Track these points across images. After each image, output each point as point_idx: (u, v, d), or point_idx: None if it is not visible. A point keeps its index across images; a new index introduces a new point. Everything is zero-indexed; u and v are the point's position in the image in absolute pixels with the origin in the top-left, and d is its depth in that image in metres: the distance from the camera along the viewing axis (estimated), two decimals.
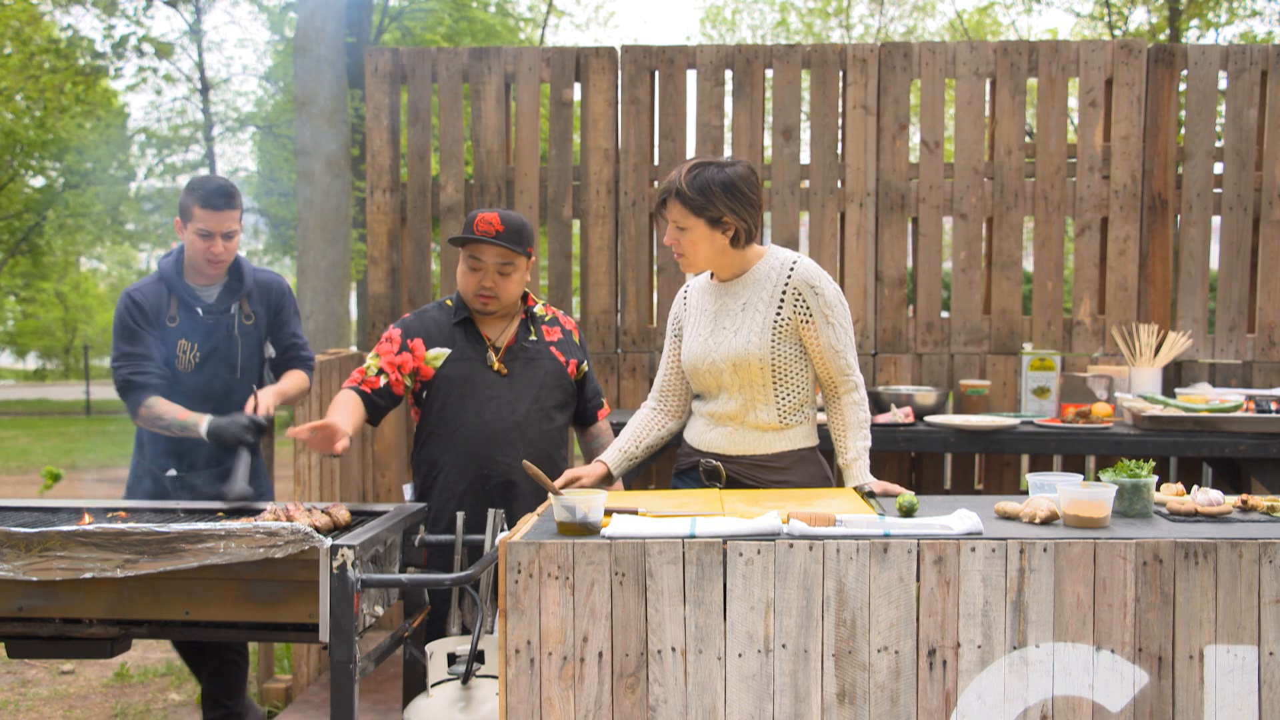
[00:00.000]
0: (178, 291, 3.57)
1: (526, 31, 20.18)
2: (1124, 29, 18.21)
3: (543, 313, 3.53)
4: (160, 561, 2.63)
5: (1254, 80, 5.01)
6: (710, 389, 3.07)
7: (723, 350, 3.00)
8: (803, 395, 3.04)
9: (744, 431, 3.03)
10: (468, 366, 3.36)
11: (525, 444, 3.35)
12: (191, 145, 20.38)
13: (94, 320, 30.50)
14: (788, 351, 2.99)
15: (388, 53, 5.29)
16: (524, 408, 3.36)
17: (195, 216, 3.47)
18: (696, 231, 2.95)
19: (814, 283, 2.97)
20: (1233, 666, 2.33)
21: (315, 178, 9.67)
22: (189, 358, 3.57)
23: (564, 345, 3.50)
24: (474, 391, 3.34)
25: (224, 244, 3.51)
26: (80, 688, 4.73)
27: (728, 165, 2.96)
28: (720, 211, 2.93)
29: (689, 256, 3.00)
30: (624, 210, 5.17)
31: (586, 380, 3.57)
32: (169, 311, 3.56)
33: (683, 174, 2.95)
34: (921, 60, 5.06)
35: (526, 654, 2.34)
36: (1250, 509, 2.63)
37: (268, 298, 3.71)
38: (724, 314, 3.04)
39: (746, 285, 3.03)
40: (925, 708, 2.33)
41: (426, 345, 3.38)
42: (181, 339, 3.56)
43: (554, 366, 3.44)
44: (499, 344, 3.41)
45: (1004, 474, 5.14)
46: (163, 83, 18.81)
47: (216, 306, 3.61)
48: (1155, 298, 5.06)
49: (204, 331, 3.57)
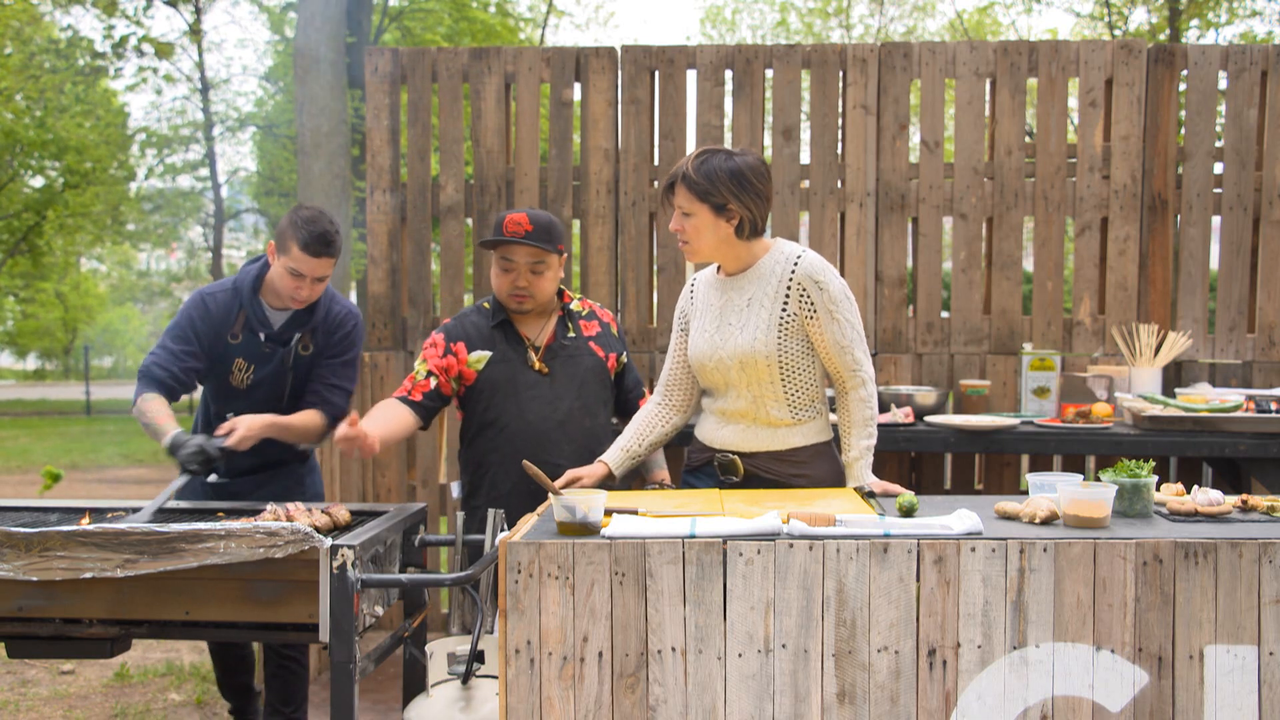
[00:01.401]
0: (248, 307, 3.49)
1: (526, 31, 20.18)
2: (1124, 29, 18.21)
3: (579, 308, 3.55)
4: (160, 561, 2.63)
5: (1254, 80, 5.01)
6: (718, 385, 3.07)
7: (729, 347, 2.99)
8: (813, 391, 3.04)
9: (756, 428, 3.03)
10: (509, 368, 3.39)
11: (568, 441, 3.37)
12: (191, 145, 20.40)
13: (94, 320, 30.52)
14: (795, 348, 2.98)
15: (388, 53, 5.29)
16: (566, 406, 3.39)
17: (292, 254, 3.35)
18: (701, 218, 2.95)
19: (818, 278, 2.95)
20: (1233, 666, 2.33)
21: (315, 178, 9.67)
22: (243, 377, 3.53)
23: (602, 339, 3.52)
24: (516, 392, 3.37)
25: (312, 287, 3.42)
26: (80, 688, 4.73)
27: (737, 154, 2.96)
28: (725, 199, 2.92)
29: (693, 244, 3.00)
30: (624, 210, 5.17)
31: (626, 371, 3.59)
32: (234, 327, 3.48)
33: (691, 159, 2.96)
34: (921, 60, 5.06)
35: (526, 654, 2.34)
36: (1250, 509, 2.63)
37: (327, 328, 3.58)
38: (730, 310, 3.03)
39: (752, 280, 3.02)
40: (925, 708, 2.33)
41: (468, 349, 3.40)
42: (239, 358, 3.50)
43: (594, 362, 3.47)
44: (538, 343, 3.44)
45: (1004, 474, 5.14)
46: (163, 83, 18.83)
47: (279, 335, 3.52)
48: (1155, 298, 5.06)
49: (261, 357, 3.51)
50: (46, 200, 19.16)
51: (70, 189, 18.79)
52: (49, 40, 17.38)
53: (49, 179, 19.61)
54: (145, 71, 17.88)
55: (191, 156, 20.94)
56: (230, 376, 3.51)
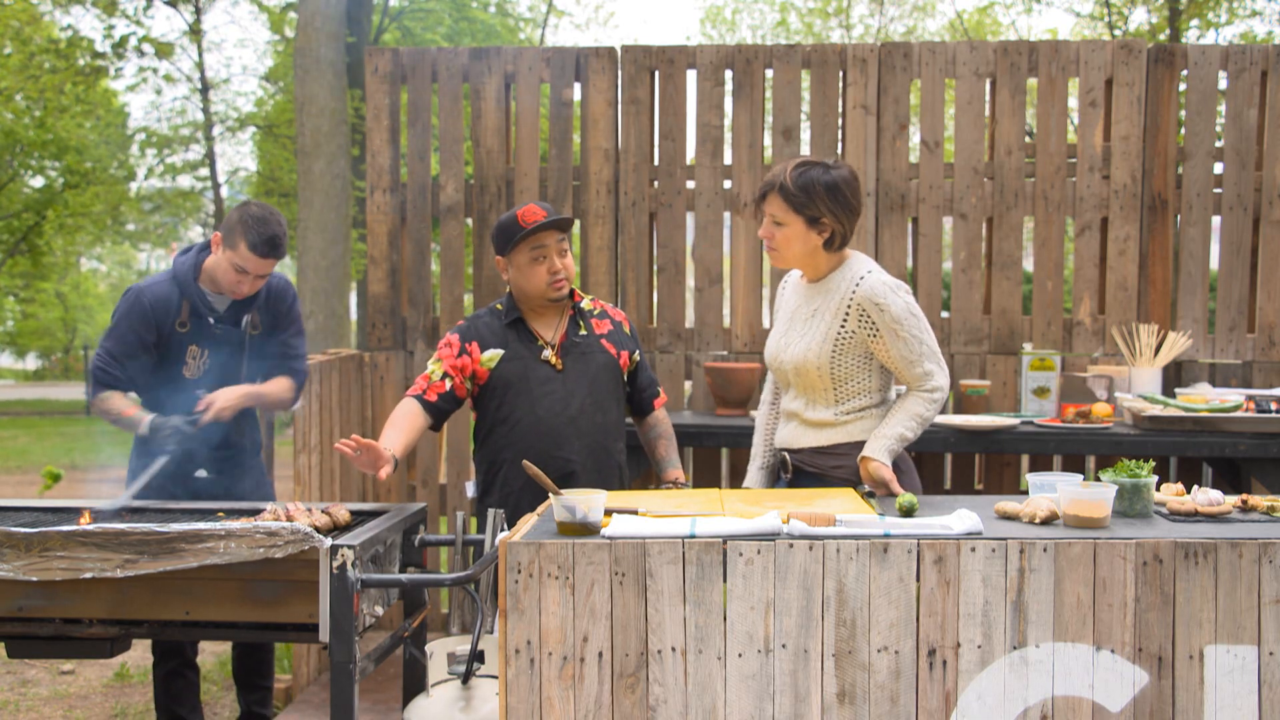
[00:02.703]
0: (190, 295, 3.53)
1: (526, 31, 20.18)
2: (1124, 29, 18.21)
3: (590, 307, 3.57)
4: (160, 561, 2.63)
5: (1254, 80, 5.01)
6: (783, 383, 3.23)
7: (789, 353, 3.09)
8: (864, 399, 3.08)
9: (804, 428, 3.12)
10: (522, 365, 3.41)
11: (580, 437, 3.39)
12: (191, 145, 20.40)
13: (94, 320, 30.49)
14: (850, 363, 3.04)
15: (388, 53, 5.29)
16: (578, 402, 3.41)
17: (239, 252, 3.43)
18: (793, 228, 3.01)
19: (878, 300, 2.98)
20: (1233, 666, 2.33)
21: (315, 178, 9.68)
22: (198, 364, 3.57)
23: (614, 337, 3.54)
24: (529, 389, 3.39)
25: (253, 284, 3.51)
26: (80, 688, 4.73)
27: (833, 167, 3.01)
28: (820, 212, 2.98)
29: (780, 251, 3.06)
30: (624, 210, 5.17)
31: (639, 370, 3.60)
32: (179, 316, 3.52)
33: (788, 170, 3.00)
34: (921, 60, 5.06)
35: (526, 654, 2.34)
36: (1250, 509, 2.63)
37: (270, 305, 3.68)
38: (798, 316, 3.13)
39: (821, 292, 3.09)
40: (925, 708, 2.33)
41: (481, 348, 3.43)
42: (192, 344, 3.55)
43: (606, 359, 3.48)
44: (552, 341, 3.46)
45: (1004, 474, 5.14)
46: (163, 83, 18.84)
47: (228, 317, 3.59)
48: (1155, 298, 5.06)
49: (214, 340, 3.56)
50: (46, 200, 19.15)
51: (70, 189, 18.78)
52: (49, 40, 17.37)
53: (49, 179, 19.60)
54: (145, 71, 17.90)
55: (191, 156, 20.94)
56: (184, 367, 3.56)
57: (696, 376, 5.12)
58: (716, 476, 5.22)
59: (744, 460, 5.22)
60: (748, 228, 5.14)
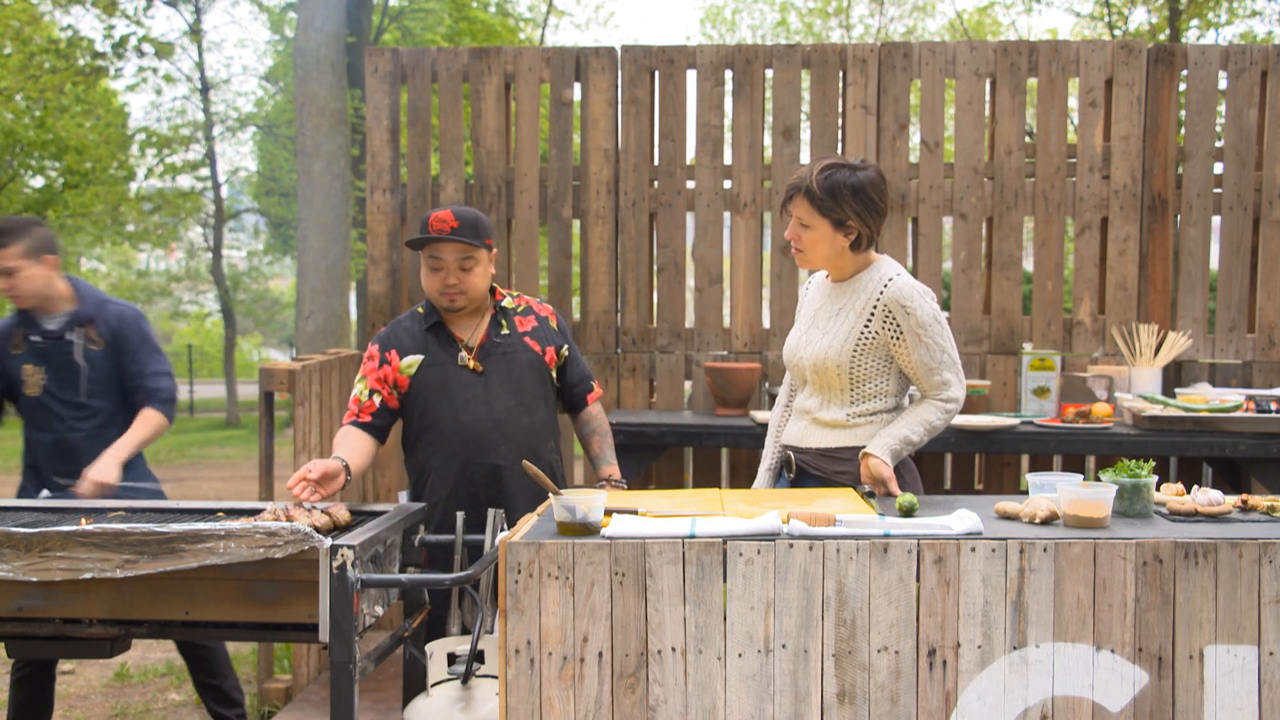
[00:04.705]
0: (22, 321, 3.76)
1: (526, 31, 20.17)
2: (1124, 29, 18.21)
3: (513, 304, 3.49)
4: (160, 562, 2.63)
5: (1254, 80, 5.01)
6: (799, 381, 3.20)
7: (809, 350, 3.07)
8: (878, 403, 3.06)
9: (815, 427, 3.11)
10: (442, 370, 3.35)
11: (507, 441, 3.32)
12: (191, 145, 20.40)
13: None
14: (869, 364, 3.03)
15: (388, 53, 5.29)
16: (502, 405, 3.34)
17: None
18: (819, 230, 3.00)
19: (905, 303, 2.97)
20: (1233, 666, 2.33)
21: (315, 178, 9.67)
22: (35, 382, 3.73)
23: (539, 334, 3.46)
24: (450, 394, 3.33)
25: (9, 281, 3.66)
26: (80, 688, 4.73)
27: (859, 169, 2.99)
28: (846, 214, 2.97)
29: (807, 253, 3.05)
30: (624, 210, 5.17)
31: (569, 365, 3.51)
32: (13, 340, 3.75)
33: (814, 172, 2.98)
34: (921, 60, 5.06)
35: (526, 654, 2.34)
36: (1250, 509, 2.63)
37: (112, 328, 3.78)
38: (822, 315, 3.11)
39: (846, 292, 3.08)
40: (925, 708, 2.33)
41: (400, 355, 3.36)
42: (25, 364, 3.73)
43: (530, 358, 3.41)
44: (471, 343, 3.39)
45: (1004, 474, 5.14)
46: (163, 83, 18.81)
47: (55, 332, 3.75)
48: (1155, 298, 5.06)
49: (43, 355, 3.73)
50: (46, 200, 19.14)
51: (70, 189, 18.76)
52: (49, 40, 17.37)
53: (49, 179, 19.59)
54: (145, 71, 17.88)
55: (191, 156, 20.92)
56: (24, 386, 3.74)
57: (696, 376, 5.12)
58: (716, 476, 5.22)
59: (744, 460, 5.23)
60: (748, 228, 5.14)
